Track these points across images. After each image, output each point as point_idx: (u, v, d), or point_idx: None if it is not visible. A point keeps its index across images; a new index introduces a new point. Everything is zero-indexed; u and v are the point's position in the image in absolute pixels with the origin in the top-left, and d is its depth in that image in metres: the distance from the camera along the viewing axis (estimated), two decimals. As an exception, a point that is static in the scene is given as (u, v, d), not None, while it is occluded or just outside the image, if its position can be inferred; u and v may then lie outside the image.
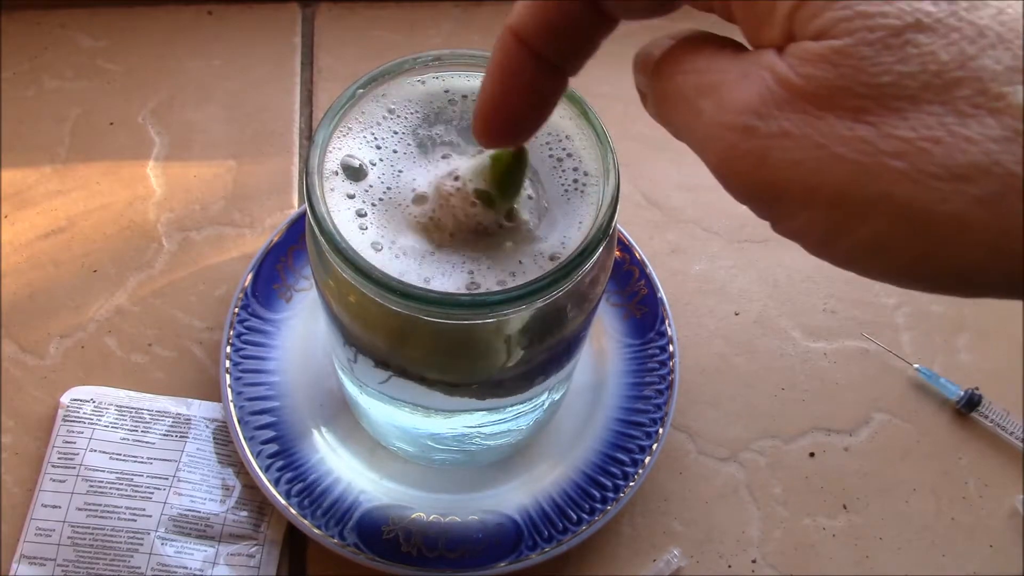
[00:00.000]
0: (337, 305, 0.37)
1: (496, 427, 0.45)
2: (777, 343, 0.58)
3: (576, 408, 0.53)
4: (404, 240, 0.34)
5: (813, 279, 0.60)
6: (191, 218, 0.59)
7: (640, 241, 0.58)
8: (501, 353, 0.36)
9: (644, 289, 0.55)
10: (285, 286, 0.54)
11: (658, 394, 0.52)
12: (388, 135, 0.36)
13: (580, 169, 0.36)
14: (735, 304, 0.59)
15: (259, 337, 0.53)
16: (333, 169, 0.35)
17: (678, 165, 0.64)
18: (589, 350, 0.54)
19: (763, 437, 0.55)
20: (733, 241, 0.61)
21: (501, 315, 0.32)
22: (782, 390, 0.56)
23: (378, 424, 0.49)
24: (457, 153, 0.36)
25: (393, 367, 0.38)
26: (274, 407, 0.51)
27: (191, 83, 0.64)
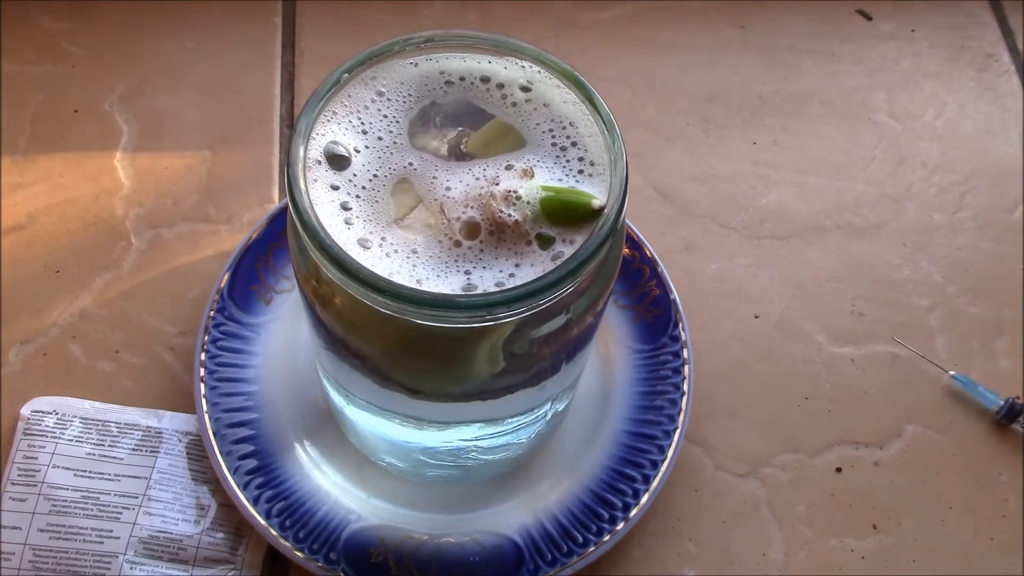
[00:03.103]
0: (321, 308, 0.37)
1: (494, 440, 0.45)
2: (800, 348, 0.58)
3: (582, 419, 0.52)
4: (394, 237, 0.34)
5: (840, 278, 0.60)
6: (162, 213, 0.59)
7: (651, 237, 0.58)
8: (500, 360, 0.36)
9: (655, 290, 0.55)
10: (265, 287, 0.54)
11: (671, 404, 0.52)
12: (376, 119, 0.36)
13: (586, 159, 0.36)
14: (755, 306, 0.59)
15: (236, 343, 0.53)
16: (316, 158, 0.35)
17: (691, 155, 0.64)
18: (596, 356, 0.54)
19: (785, 451, 0.55)
20: (752, 237, 0.61)
21: (500, 318, 0.32)
22: (806, 399, 0.56)
23: (366, 437, 0.48)
24: (453, 137, 0.36)
25: (382, 375, 0.38)
26: (253, 419, 0.51)
27: (162, 67, 0.64)
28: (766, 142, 0.65)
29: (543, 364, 0.38)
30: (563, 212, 0.34)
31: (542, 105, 0.37)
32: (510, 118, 0.37)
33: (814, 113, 0.66)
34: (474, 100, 0.37)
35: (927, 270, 0.61)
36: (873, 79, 0.68)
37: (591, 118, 0.36)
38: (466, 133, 0.37)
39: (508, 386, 0.38)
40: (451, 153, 0.36)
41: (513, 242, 0.34)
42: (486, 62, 0.38)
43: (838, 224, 0.62)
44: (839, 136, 0.65)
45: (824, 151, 0.65)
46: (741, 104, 0.66)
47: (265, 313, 0.54)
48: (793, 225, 0.62)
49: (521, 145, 0.36)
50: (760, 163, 0.64)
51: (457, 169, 0.36)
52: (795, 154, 0.64)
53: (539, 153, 0.36)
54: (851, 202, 0.63)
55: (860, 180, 0.64)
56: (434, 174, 0.35)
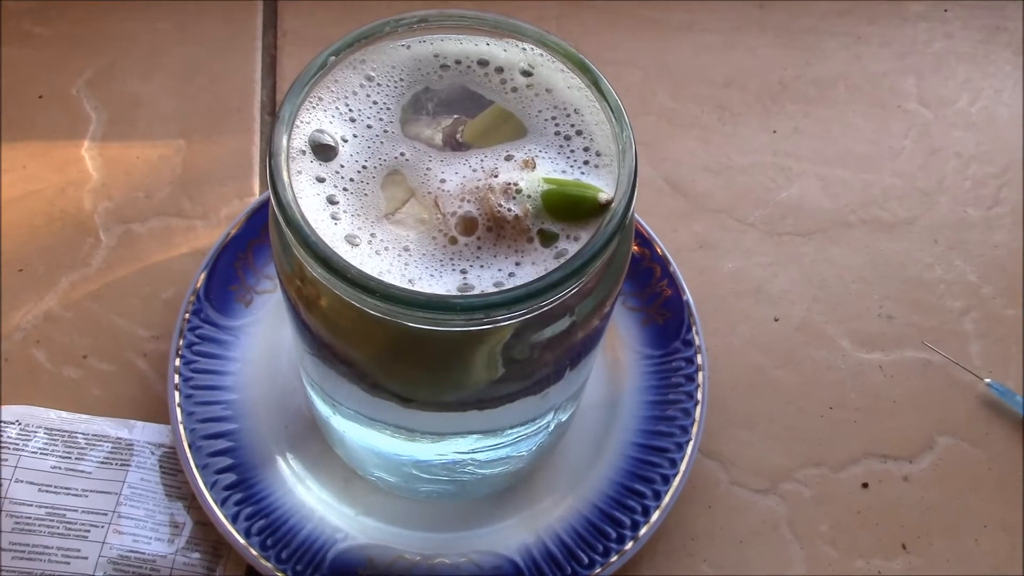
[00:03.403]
0: (306, 310, 0.37)
1: (492, 453, 0.45)
2: (824, 354, 0.58)
3: (587, 431, 0.52)
4: (384, 233, 0.34)
5: (866, 278, 0.60)
6: (134, 207, 0.59)
7: (662, 233, 0.58)
8: (498, 366, 0.36)
9: (667, 290, 0.55)
10: (244, 287, 0.54)
11: (684, 414, 0.52)
12: (365, 105, 0.36)
13: (592, 149, 0.36)
14: (774, 308, 0.59)
15: (214, 348, 0.53)
16: (300, 148, 0.35)
17: (706, 144, 0.64)
18: (602, 362, 0.54)
19: (807, 465, 0.55)
20: (772, 233, 0.61)
21: (498, 321, 0.32)
22: (830, 409, 0.56)
23: (354, 450, 0.48)
24: (449, 125, 0.36)
25: (372, 382, 0.38)
26: (232, 430, 0.51)
27: (133, 49, 0.64)
28: (787, 131, 0.65)
29: (545, 371, 0.38)
30: (567, 206, 0.34)
31: (544, 91, 0.37)
32: (510, 105, 0.37)
33: (839, 99, 0.66)
34: (471, 85, 0.37)
35: (961, 269, 0.61)
36: (902, 63, 0.68)
37: (597, 105, 0.36)
38: (462, 121, 0.37)
39: (507, 394, 0.38)
40: (446, 142, 0.36)
41: (513, 239, 0.34)
42: (484, 44, 0.38)
43: (864, 219, 0.62)
44: (866, 125, 0.65)
45: (849, 141, 0.65)
46: (760, 89, 0.66)
47: (244, 315, 0.54)
48: (816, 221, 0.62)
49: (522, 134, 0.36)
50: (780, 153, 0.64)
51: (453, 160, 0.35)
52: (818, 144, 0.64)
53: (541, 143, 0.36)
54: (879, 196, 0.63)
55: (888, 172, 0.64)
56: (428, 165, 0.35)
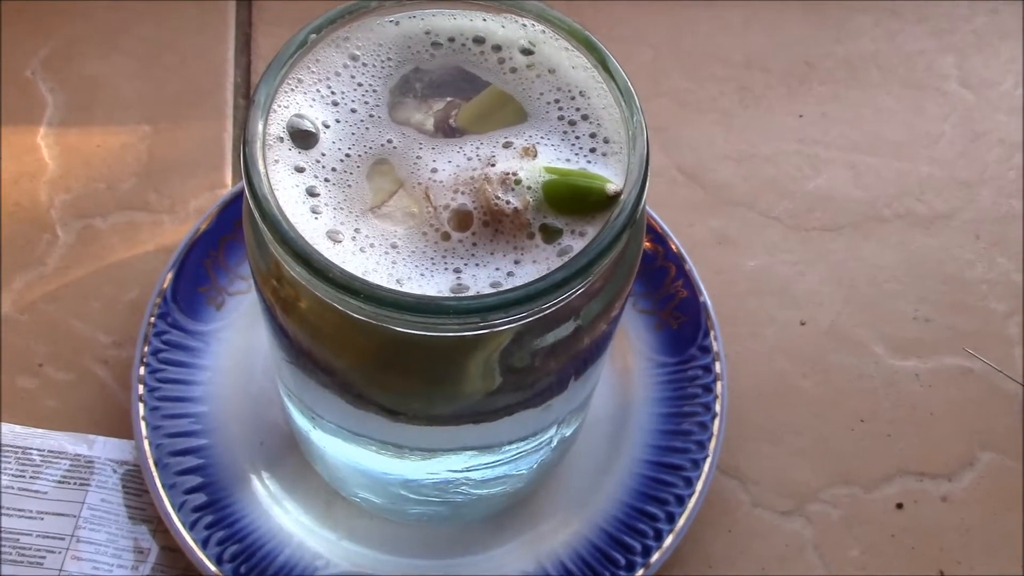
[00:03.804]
0: (283, 313, 0.37)
1: (489, 471, 0.45)
2: (855, 361, 0.58)
3: (594, 447, 0.53)
4: (370, 228, 0.34)
5: (901, 278, 0.60)
6: (94, 201, 0.59)
7: (677, 229, 0.58)
8: (496, 375, 0.36)
9: (682, 291, 0.55)
10: (215, 289, 0.54)
11: (700, 428, 0.52)
12: (349, 88, 0.36)
13: (599, 135, 0.36)
14: (801, 310, 0.59)
15: (182, 355, 0.53)
16: (278, 134, 0.35)
17: (726, 130, 0.64)
18: (610, 371, 0.54)
19: (837, 483, 0.55)
20: (798, 228, 0.61)
21: (496, 326, 0.32)
22: (861, 422, 0.56)
23: (336, 468, 0.48)
24: (441, 109, 0.36)
25: (356, 393, 0.38)
26: (202, 446, 0.51)
27: (94, 27, 0.64)
28: (814, 115, 0.65)
29: (547, 380, 0.38)
30: (571, 199, 0.34)
31: (546, 71, 0.37)
32: (508, 87, 0.37)
33: (871, 81, 0.66)
34: (466, 65, 0.37)
35: (1004, 268, 0.61)
36: (941, 41, 0.68)
37: (605, 87, 0.36)
38: (456, 104, 0.37)
39: (506, 407, 0.38)
40: (438, 128, 0.36)
41: (512, 235, 0.34)
42: (480, 20, 0.38)
43: (899, 213, 0.62)
44: (901, 108, 0.65)
45: (883, 126, 0.65)
46: (785, 70, 0.66)
47: (216, 319, 0.54)
48: (846, 214, 0.62)
49: (522, 119, 0.36)
50: (807, 140, 0.64)
51: (445, 147, 0.36)
52: (849, 129, 0.64)
53: (543, 128, 0.36)
54: (915, 187, 0.63)
55: (925, 160, 0.64)
56: (418, 153, 0.35)
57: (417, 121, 0.36)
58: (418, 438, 0.41)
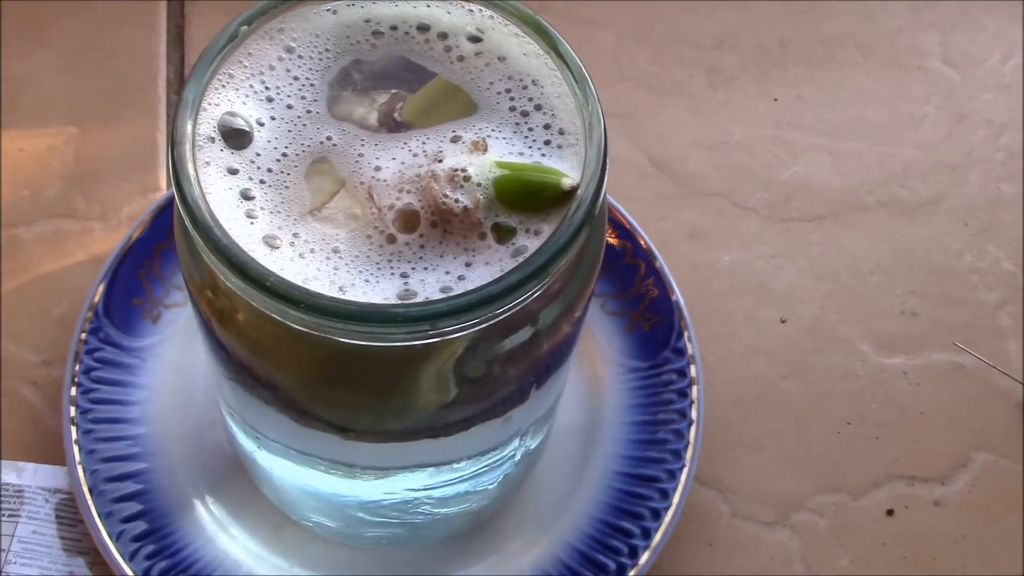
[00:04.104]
0: (220, 326, 0.37)
1: (450, 489, 0.45)
2: (839, 360, 0.58)
3: (562, 459, 0.53)
4: (309, 232, 0.34)
5: (887, 269, 0.60)
6: (18, 209, 0.59)
7: (646, 223, 0.58)
8: (451, 386, 0.36)
9: (653, 290, 0.55)
10: (151, 301, 0.54)
11: (676, 436, 0.52)
12: (285, 82, 0.36)
13: (553, 126, 0.36)
14: (780, 307, 0.59)
15: (117, 373, 0.52)
16: (208, 134, 0.35)
17: (696, 116, 0.64)
18: (578, 378, 0.54)
19: (823, 491, 0.55)
20: (775, 219, 0.61)
21: (448, 333, 0.32)
22: (847, 425, 0.57)
23: (285, 491, 0.48)
24: (384, 103, 0.36)
25: (301, 410, 0.38)
26: (140, 470, 0.51)
27: (13, 20, 0.63)
28: (789, 98, 0.65)
29: (507, 390, 0.38)
30: (525, 195, 0.34)
31: (496, 59, 0.37)
32: (456, 76, 0.37)
33: (849, 60, 0.67)
34: (410, 55, 0.37)
35: (995, 256, 0.61)
36: (921, 16, 0.68)
37: (559, 74, 0.37)
38: (400, 97, 0.37)
39: (463, 419, 0.38)
40: (382, 123, 0.36)
41: (462, 235, 0.34)
42: (424, 7, 0.38)
43: (882, 200, 0.62)
44: (881, 89, 0.66)
45: (863, 108, 0.65)
46: (757, 50, 0.66)
47: (152, 334, 0.54)
48: (826, 203, 0.62)
49: (471, 111, 0.36)
50: (783, 125, 0.64)
51: (389, 143, 0.36)
52: (826, 113, 0.65)
53: (494, 120, 0.36)
54: (898, 172, 0.63)
55: (909, 144, 0.64)
56: (359, 150, 0.35)
57: (359, 116, 0.36)
58: (370, 456, 0.41)
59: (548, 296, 0.35)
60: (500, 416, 0.40)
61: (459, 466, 0.43)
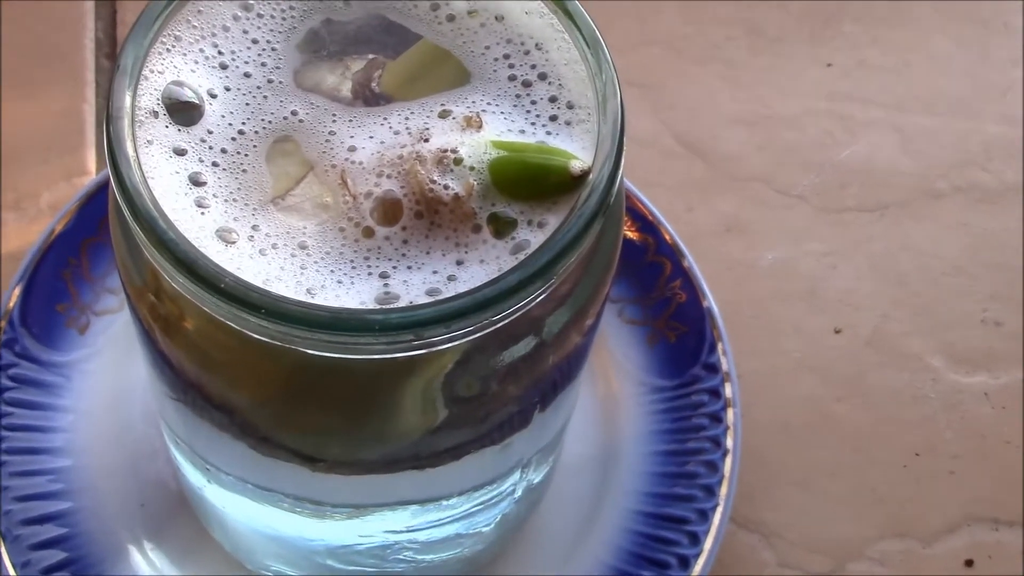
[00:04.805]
0: (164, 336, 0.37)
1: (438, 531, 0.45)
2: (906, 378, 0.58)
3: (572, 497, 0.53)
4: (272, 224, 0.34)
5: (964, 269, 0.61)
6: (-85, 196, 0.59)
7: (673, 214, 0.59)
8: (439, 407, 0.36)
9: (680, 295, 0.56)
10: (77, 307, 0.55)
11: (708, 469, 0.53)
12: (242, 46, 0.37)
13: (560, 99, 0.36)
14: (834, 315, 0.60)
15: (36, 394, 0.53)
16: (151, 108, 0.35)
17: (733, 86, 0.64)
18: (590, 399, 0.55)
19: (887, 536, 0.55)
20: (829, 210, 0.62)
21: (435, 344, 0.33)
22: (916, 456, 0.57)
23: (240, 534, 0.49)
24: (360, 71, 0.37)
25: (261, 436, 0.38)
26: (64, 511, 0.51)
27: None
28: (847, 63, 0.65)
29: (505, 412, 0.38)
30: (527, 180, 0.34)
31: (493, 19, 0.37)
32: (445, 40, 0.37)
33: (920, 18, 0.67)
34: (390, 14, 0.38)
35: (1095, 253, 0.61)
36: (1008, -37, 0.69)
37: (567, 36, 0.37)
38: (379, 64, 0.37)
39: (453, 447, 0.39)
40: (357, 95, 0.37)
41: (452, 228, 0.34)
42: (406, -45, 0.38)
43: (959, 186, 0.63)
44: (959, 53, 0.66)
45: (936, 76, 0.66)
46: (808, 6, 0.67)
47: (79, 347, 0.54)
48: (891, 190, 0.62)
49: (463, 80, 0.37)
50: (839, 96, 0.65)
51: (366, 119, 0.36)
52: (892, 81, 0.65)
53: (490, 92, 0.36)
54: (979, 152, 0.64)
55: (992, 119, 0.65)
56: (331, 127, 0.36)
57: (330, 86, 0.37)
58: (343, 491, 0.41)
59: (554, 300, 0.35)
60: (497, 443, 0.40)
61: (448, 503, 0.43)
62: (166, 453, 0.51)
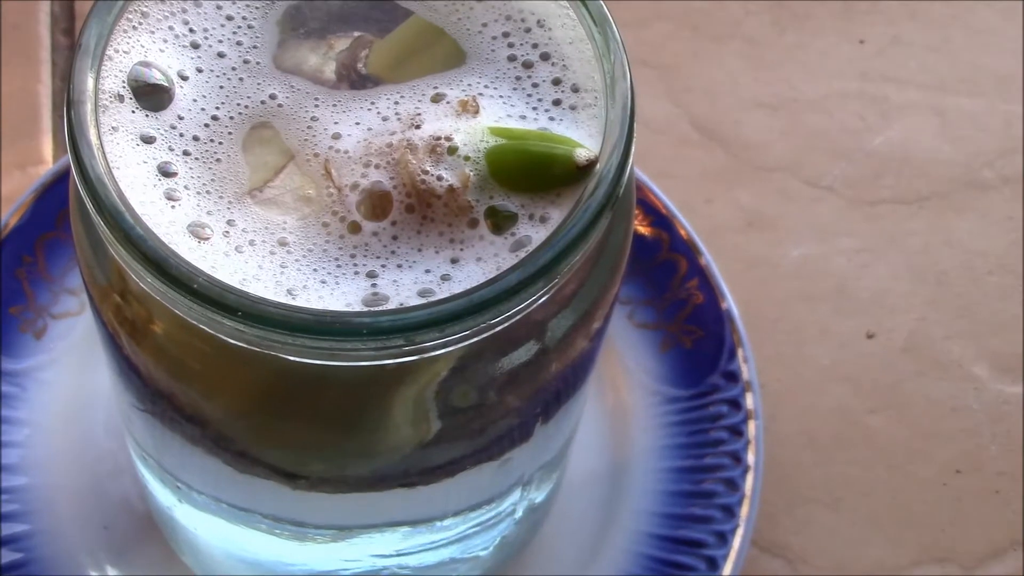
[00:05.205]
0: (131, 342, 0.37)
1: (430, 555, 0.45)
2: (946, 388, 0.59)
3: (577, 517, 0.53)
4: (249, 219, 0.34)
5: (1010, 268, 0.61)
6: None
7: (688, 207, 0.59)
8: (432, 419, 0.37)
9: (697, 295, 0.56)
10: (33, 309, 0.55)
11: (727, 487, 0.53)
12: (215, 23, 0.37)
13: (565, 81, 0.37)
14: (867, 318, 0.60)
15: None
16: (116, 91, 0.35)
17: (756, 65, 0.65)
18: (598, 410, 0.55)
19: (925, 561, 0.55)
20: (861, 202, 0.62)
21: (427, 350, 0.33)
22: (957, 473, 0.57)
23: (213, 558, 0.49)
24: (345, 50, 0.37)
25: (238, 451, 0.38)
26: (20, 534, 0.51)
27: None
28: (882, 40, 0.66)
29: (504, 425, 0.39)
30: (528, 171, 0.35)
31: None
32: (438, 16, 0.37)
33: (961, -11, 0.67)
34: (378, -13, 0.38)
35: None
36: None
37: (572, 12, 0.37)
38: (365, 43, 0.37)
39: (448, 462, 0.39)
40: (341, 77, 0.37)
41: (447, 223, 0.34)
42: (396, -76, 0.38)
43: (1007, 176, 0.63)
44: (1005, 27, 0.67)
45: (982, 53, 0.66)
46: (837, -23, 0.67)
47: (35, 353, 0.54)
48: (930, 180, 0.63)
49: (458, 61, 0.37)
50: (872, 76, 0.65)
51: (351, 104, 0.36)
52: (932, 59, 0.65)
53: (488, 73, 0.37)
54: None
55: (1041, 101, 0.65)
56: (313, 113, 0.36)
57: (311, 67, 0.37)
58: (326, 511, 0.41)
59: (558, 302, 0.36)
60: (496, 459, 0.40)
61: (442, 525, 0.43)
62: (132, 470, 0.52)
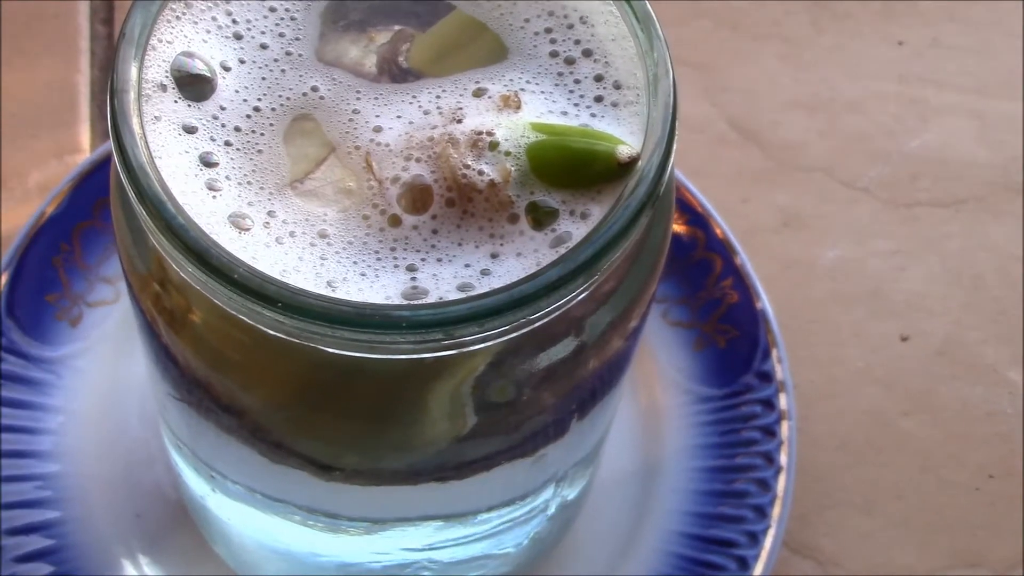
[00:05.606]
0: (170, 331, 0.37)
1: (460, 551, 0.45)
2: (980, 391, 0.58)
3: (609, 515, 0.53)
4: (289, 210, 0.35)
5: (1046, 273, 0.61)
6: None
7: (725, 206, 0.59)
8: (468, 414, 0.37)
9: (731, 295, 0.56)
10: (69, 297, 0.55)
11: (759, 488, 0.53)
12: (258, 15, 0.37)
13: (607, 78, 0.37)
14: (902, 321, 0.60)
15: (24, 392, 0.53)
16: (159, 81, 0.35)
17: (794, 66, 0.65)
18: (631, 408, 0.55)
19: (957, 565, 0.55)
20: (897, 204, 0.62)
21: (466, 344, 0.33)
22: (990, 478, 0.57)
23: (245, 549, 0.49)
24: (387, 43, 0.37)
25: (273, 442, 0.39)
26: (52, 520, 0.51)
27: None
28: (921, 42, 0.66)
29: (540, 421, 0.39)
30: (569, 167, 0.35)
31: (533, -12, 0.38)
32: (480, 11, 0.37)
33: (1001, -8, 0.67)
34: (421, -20, 0.38)
35: None
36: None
37: (615, 9, 0.37)
38: (407, 36, 0.37)
39: (483, 458, 0.39)
40: (383, 70, 0.37)
41: (487, 218, 0.34)
42: (439, -83, 0.38)
43: None
44: None
45: (1019, 57, 0.65)
46: (877, -22, 0.67)
47: (70, 341, 0.55)
48: (968, 183, 0.63)
49: (500, 56, 0.37)
50: (911, 78, 0.65)
51: (393, 97, 0.36)
52: (971, 62, 0.65)
53: (529, 69, 0.37)
54: (1065, 143, 0.63)
55: (1080, 105, 0.64)
56: (355, 105, 0.36)
57: (353, 60, 0.37)
58: (359, 503, 0.41)
59: (597, 299, 0.36)
60: (530, 455, 0.40)
61: (475, 520, 0.43)
62: (165, 459, 0.52)
